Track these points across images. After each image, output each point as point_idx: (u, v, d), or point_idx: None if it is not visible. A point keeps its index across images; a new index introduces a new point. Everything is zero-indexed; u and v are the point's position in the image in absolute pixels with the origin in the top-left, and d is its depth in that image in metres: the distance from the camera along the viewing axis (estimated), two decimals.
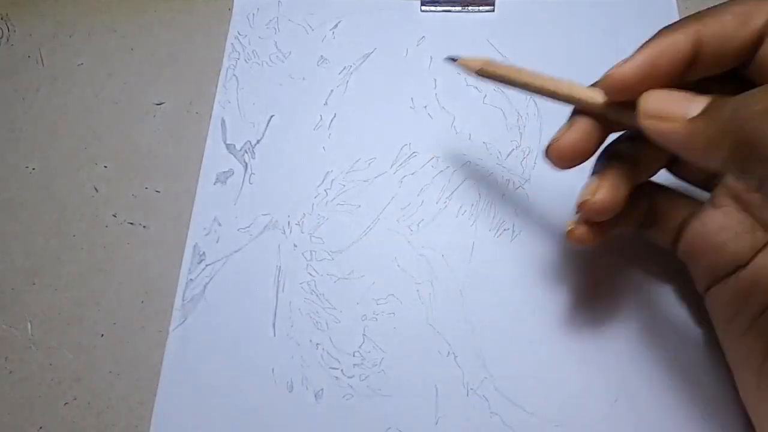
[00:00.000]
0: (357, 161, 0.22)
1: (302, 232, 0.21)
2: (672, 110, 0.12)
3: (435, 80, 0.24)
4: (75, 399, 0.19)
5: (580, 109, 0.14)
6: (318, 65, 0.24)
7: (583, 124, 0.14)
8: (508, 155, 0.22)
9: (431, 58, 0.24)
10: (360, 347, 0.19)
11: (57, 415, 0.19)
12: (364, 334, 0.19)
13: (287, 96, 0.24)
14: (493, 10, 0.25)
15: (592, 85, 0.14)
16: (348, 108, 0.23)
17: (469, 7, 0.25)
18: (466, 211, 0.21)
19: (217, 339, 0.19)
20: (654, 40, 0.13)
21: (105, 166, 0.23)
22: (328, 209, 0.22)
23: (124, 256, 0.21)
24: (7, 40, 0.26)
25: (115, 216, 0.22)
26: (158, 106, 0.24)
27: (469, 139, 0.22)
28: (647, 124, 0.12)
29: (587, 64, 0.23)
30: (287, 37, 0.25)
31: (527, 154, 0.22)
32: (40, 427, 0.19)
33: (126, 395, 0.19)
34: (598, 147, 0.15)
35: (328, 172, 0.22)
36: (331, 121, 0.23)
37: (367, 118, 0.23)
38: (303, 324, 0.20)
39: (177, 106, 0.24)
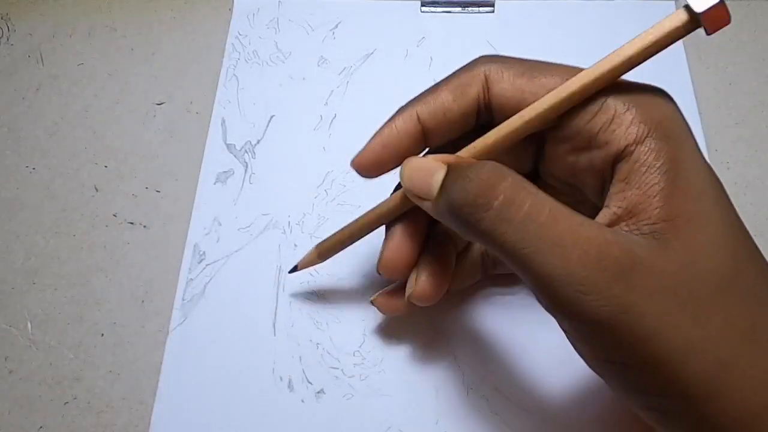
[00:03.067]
0: None
1: (302, 232, 0.21)
2: (420, 189, 0.14)
3: (435, 81, 0.24)
4: (75, 398, 0.19)
5: (393, 219, 0.16)
6: (318, 65, 0.24)
7: (396, 234, 0.16)
8: None
9: (431, 59, 0.24)
10: (360, 347, 0.19)
11: (57, 414, 0.19)
12: (364, 334, 0.19)
13: (287, 96, 0.24)
14: (493, 11, 0.25)
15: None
16: (348, 108, 0.23)
17: (469, 8, 0.25)
18: None
19: (217, 338, 0.19)
20: (384, 125, 0.15)
21: (105, 166, 0.23)
22: (328, 209, 0.22)
23: (124, 255, 0.21)
24: (7, 39, 0.26)
25: (115, 216, 0.22)
26: (158, 105, 0.24)
27: None
28: (415, 202, 0.14)
29: (586, 64, 0.24)
30: (288, 37, 0.25)
31: None
32: (41, 427, 0.19)
33: (126, 395, 0.19)
34: (420, 244, 0.16)
35: (328, 172, 0.22)
36: (332, 121, 0.23)
37: (367, 119, 0.23)
38: (303, 323, 0.20)
39: (177, 106, 0.24)
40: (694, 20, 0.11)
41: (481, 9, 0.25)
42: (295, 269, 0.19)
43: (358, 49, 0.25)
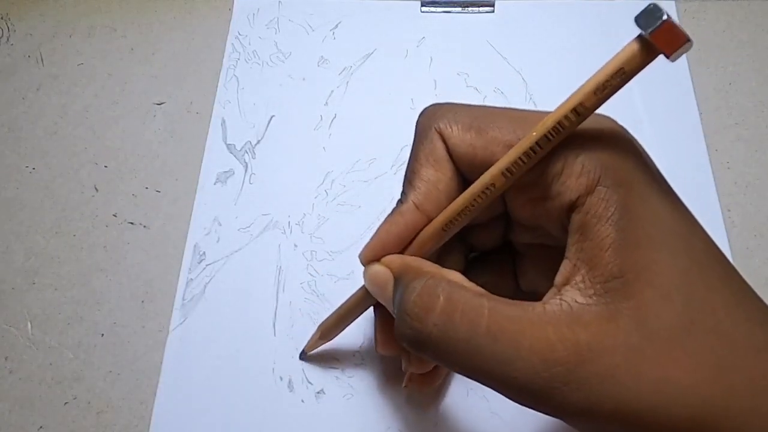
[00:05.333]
0: (357, 162, 0.22)
1: (303, 232, 0.21)
2: (382, 300, 0.14)
3: (435, 81, 0.24)
4: (75, 398, 0.19)
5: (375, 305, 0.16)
6: (318, 65, 0.24)
7: (384, 317, 0.16)
8: None
9: (431, 59, 0.24)
10: (360, 347, 0.19)
11: (57, 414, 0.19)
12: (364, 334, 0.19)
13: (287, 96, 0.24)
14: (493, 11, 0.25)
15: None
16: (348, 108, 0.23)
17: (469, 8, 0.25)
18: None
19: (217, 339, 0.19)
20: (381, 226, 0.15)
21: (105, 166, 0.23)
22: (329, 209, 0.22)
23: (125, 255, 0.21)
24: (7, 39, 0.26)
25: (115, 216, 0.22)
26: (158, 105, 0.24)
27: None
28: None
29: (586, 64, 0.23)
30: (287, 37, 0.25)
31: None
32: (41, 427, 0.19)
33: (126, 395, 0.19)
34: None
35: (328, 173, 0.22)
36: (332, 121, 0.23)
37: (367, 119, 0.23)
38: (303, 324, 0.20)
39: (177, 106, 0.24)
40: (649, 48, 0.11)
41: (481, 9, 0.25)
42: (303, 354, 0.19)
43: (358, 49, 0.25)
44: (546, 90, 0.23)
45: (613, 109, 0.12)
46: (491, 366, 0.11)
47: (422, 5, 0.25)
